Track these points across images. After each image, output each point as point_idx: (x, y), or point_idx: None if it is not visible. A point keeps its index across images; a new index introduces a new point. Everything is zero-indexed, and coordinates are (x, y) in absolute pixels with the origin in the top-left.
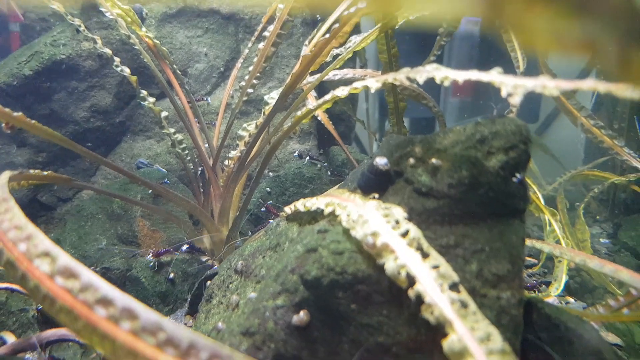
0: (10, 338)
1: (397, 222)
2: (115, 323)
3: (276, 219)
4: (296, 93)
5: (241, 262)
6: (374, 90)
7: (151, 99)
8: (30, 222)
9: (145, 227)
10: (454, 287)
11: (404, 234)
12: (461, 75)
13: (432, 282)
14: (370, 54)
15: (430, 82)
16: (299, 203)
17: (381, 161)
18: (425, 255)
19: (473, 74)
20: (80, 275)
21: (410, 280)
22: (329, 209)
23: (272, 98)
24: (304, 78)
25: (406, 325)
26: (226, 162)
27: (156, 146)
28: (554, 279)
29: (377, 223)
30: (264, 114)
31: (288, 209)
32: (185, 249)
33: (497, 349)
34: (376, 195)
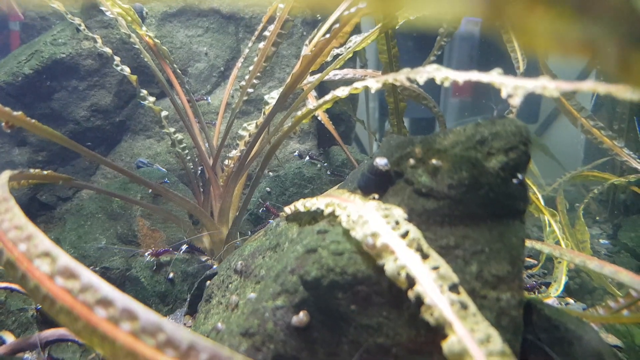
0: (10, 338)
1: (397, 223)
2: (115, 324)
3: (276, 219)
4: (296, 93)
5: (241, 262)
6: (374, 91)
7: (151, 99)
8: (30, 222)
9: (145, 226)
10: (453, 289)
11: (404, 235)
12: (462, 76)
13: (432, 283)
14: (371, 54)
15: (430, 82)
16: (299, 203)
17: (381, 161)
18: (425, 256)
19: (473, 75)
20: (80, 275)
21: (410, 281)
22: (329, 210)
23: (273, 98)
24: (304, 78)
25: (406, 327)
26: (226, 161)
27: (156, 145)
28: (554, 280)
29: (377, 224)
30: (264, 113)
31: (288, 209)
32: (185, 248)
33: (497, 351)
34: (376, 196)
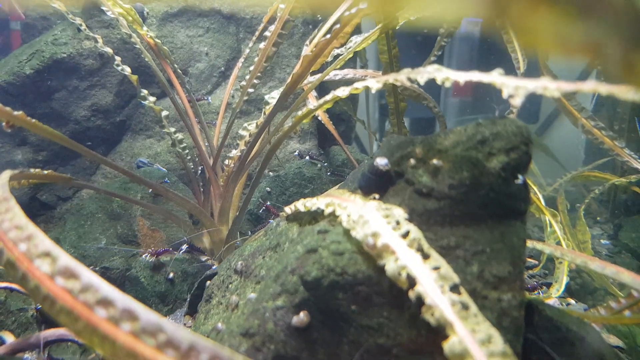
0: (9, 338)
1: (397, 223)
2: (115, 324)
3: (276, 219)
4: (297, 93)
5: (241, 262)
6: (374, 91)
7: (152, 98)
8: (30, 222)
9: (145, 226)
10: (454, 289)
11: (405, 235)
12: (463, 77)
13: (433, 283)
14: (371, 55)
15: (430, 82)
16: (299, 203)
17: (382, 161)
18: (425, 256)
19: (475, 75)
20: (80, 275)
21: (411, 282)
22: (330, 210)
23: (273, 98)
24: (304, 78)
25: (407, 327)
26: (226, 161)
27: (156, 145)
28: (555, 280)
29: (378, 224)
30: (264, 113)
31: (288, 209)
32: (185, 249)
33: (498, 351)
34: (377, 196)
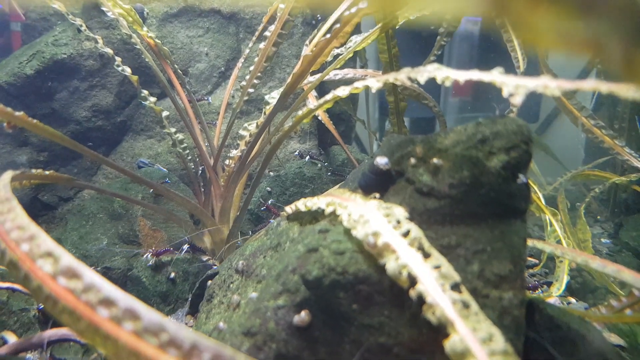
0: (12, 338)
1: (398, 222)
2: (117, 324)
3: (277, 218)
4: (297, 93)
5: (242, 262)
6: (375, 90)
7: (152, 99)
8: (32, 222)
9: (146, 226)
10: (455, 288)
11: (405, 234)
12: (463, 75)
13: (434, 282)
14: (371, 54)
15: (430, 82)
16: (300, 203)
17: (382, 161)
18: (426, 255)
19: (475, 74)
20: (82, 275)
21: (412, 281)
22: (330, 209)
23: (273, 98)
24: (304, 78)
25: (407, 326)
26: (227, 161)
27: (157, 146)
28: (556, 279)
29: (378, 223)
30: (264, 113)
31: (289, 208)
32: (186, 248)
33: (499, 350)
34: (377, 195)
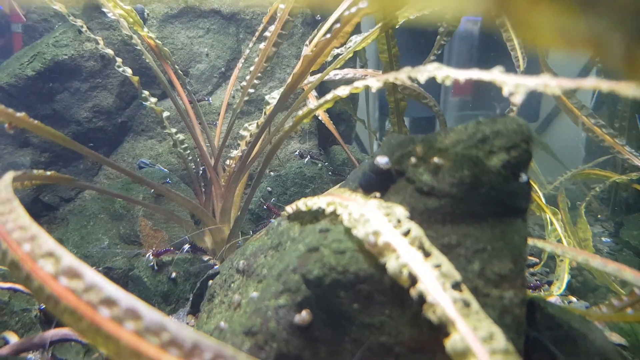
0: (13, 338)
1: (398, 221)
2: (119, 323)
3: (277, 218)
4: (297, 93)
5: (243, 262)
6: (375, 90)
7: (153, 99)
8: (34, 223)
9: (147, 226)
10: (456, 287)
11: (406, 233)
12: (463, 75)
13: (434, 281)
14: (371, 54)
15: (430, 81)
16: (300, 202)
17: (382, 160)
18: (427, 254)
19: (475, 73)
20: (84, 275)
21: (412, 280)
22: (331, 208)
23: (273, 98)
24: (305, 78)
25: (408, 325)
26: (227, 161)
27: (158, 146)
28: (556, 278)
29: (379, 222)
30: (265, 113)
31: (289, 208)
32: (187, 248)
33: (500, 349)
34: (377, 195)
